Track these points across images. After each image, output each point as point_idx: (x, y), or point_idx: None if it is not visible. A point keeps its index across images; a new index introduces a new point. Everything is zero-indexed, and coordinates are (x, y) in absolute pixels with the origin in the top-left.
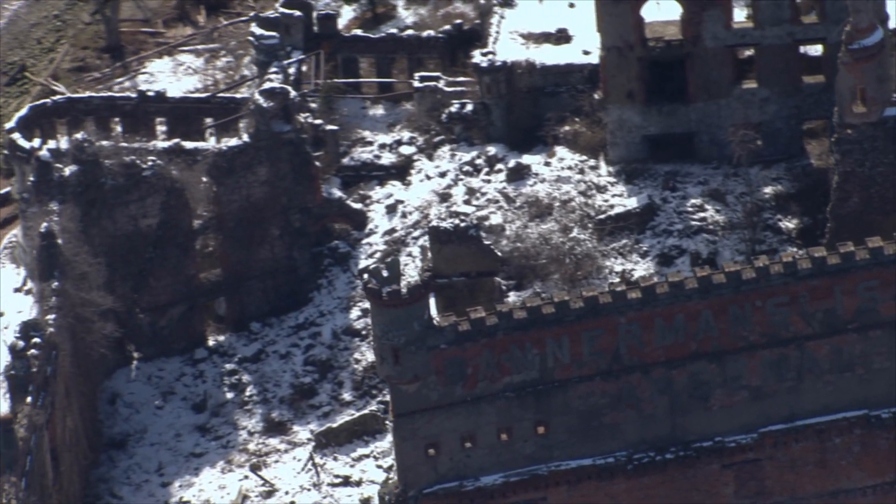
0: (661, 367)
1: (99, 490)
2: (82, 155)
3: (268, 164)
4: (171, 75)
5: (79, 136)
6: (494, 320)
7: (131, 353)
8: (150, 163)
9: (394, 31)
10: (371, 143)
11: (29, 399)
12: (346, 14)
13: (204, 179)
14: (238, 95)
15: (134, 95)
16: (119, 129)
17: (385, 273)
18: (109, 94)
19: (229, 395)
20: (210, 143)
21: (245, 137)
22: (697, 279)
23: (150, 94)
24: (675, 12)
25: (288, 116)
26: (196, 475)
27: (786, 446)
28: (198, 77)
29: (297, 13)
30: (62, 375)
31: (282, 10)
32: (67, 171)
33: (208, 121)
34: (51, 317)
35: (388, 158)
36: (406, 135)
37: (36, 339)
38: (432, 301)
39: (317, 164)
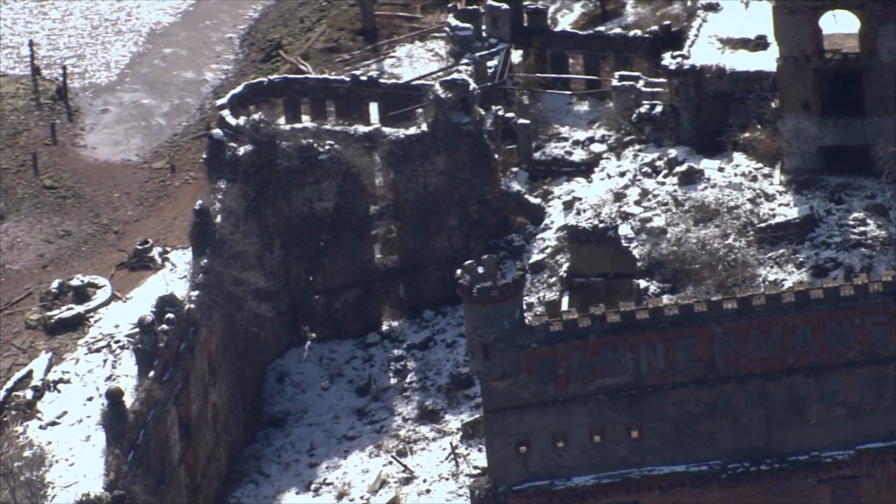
0: (758, 379)
1: (248, 467)
2: (257, 135)
3: (446, 155)
4: (417, 61)
5: (255, 116)
6: (587, 322)
7: (306, 333)
8: (326, 146)
9: (601, 28)
10: (566, 139)
11: (151, 373)
12: (577, 10)
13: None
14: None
15: (347, 79)
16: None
17: (480, 270)
18: (324, 76)
19: (393, 381)
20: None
21: (423, 126)
22: (795, 293)
23: (363, 78)
24: (857, 26)
25: (467, 108)
26: (344, 458)
27: (884, 465)
28: (441, 64)
29: (505, 6)
30: (204, 352)
31: (490, 2)
32: (242, 150)
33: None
34: (194, 293)
35: (578, 155)
36: (601, 133)
37: (169, 315)
38: (565, 299)
39: (496, 156)
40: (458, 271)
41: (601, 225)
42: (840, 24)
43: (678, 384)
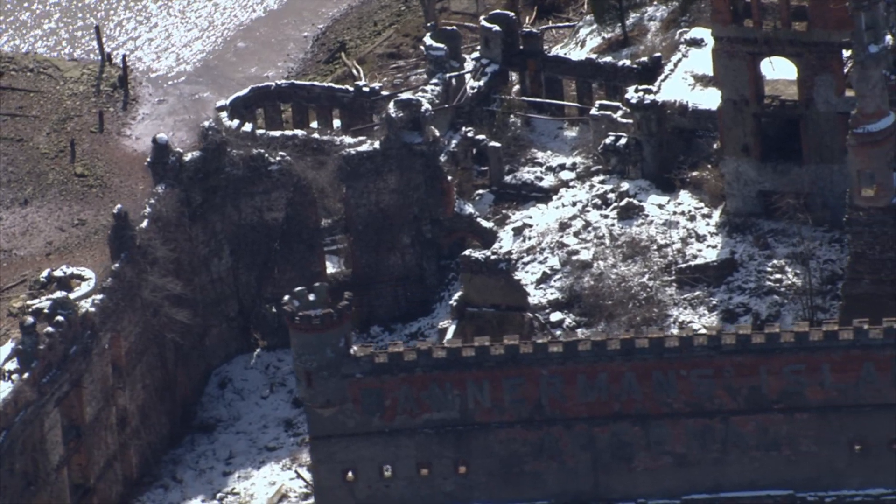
0: (584, 423)
1: (163, 471)
2: (205, 142)
3: (398, 173)
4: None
5: (205, 123)
6: (413, 356)
7: (257, 340)
8: (277, 157)
9: (592, 56)
10: (540, 165)
11: (26, 375)
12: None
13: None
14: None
15: (351, 89)
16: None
17: (311, 297)
18: (330, 84)
19: None
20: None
21: (375, 144)
22: (620, 341)
23: (366, 89)
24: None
25: (420, 128)
26: (258, 468)
27: None
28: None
29: (496, 28)
30: (107, 356)
31: (483, 23)
32: (188, 156)
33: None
34: (98, 297)
35: (548, 181)
36: (576, 160)
37: (59, 318)
38: (451, 328)
39: (449, 178)
40: (286, 297)
41: (493, 257)
42: (784, 71)
43: (505, 423)
